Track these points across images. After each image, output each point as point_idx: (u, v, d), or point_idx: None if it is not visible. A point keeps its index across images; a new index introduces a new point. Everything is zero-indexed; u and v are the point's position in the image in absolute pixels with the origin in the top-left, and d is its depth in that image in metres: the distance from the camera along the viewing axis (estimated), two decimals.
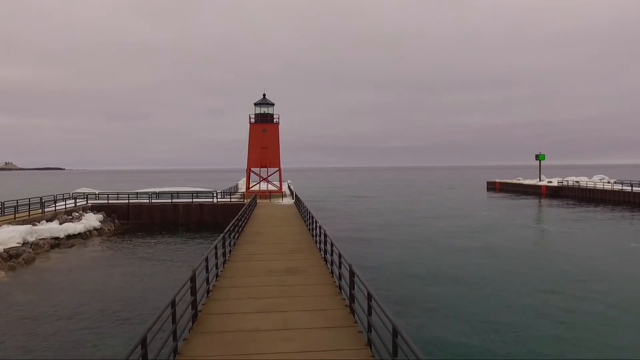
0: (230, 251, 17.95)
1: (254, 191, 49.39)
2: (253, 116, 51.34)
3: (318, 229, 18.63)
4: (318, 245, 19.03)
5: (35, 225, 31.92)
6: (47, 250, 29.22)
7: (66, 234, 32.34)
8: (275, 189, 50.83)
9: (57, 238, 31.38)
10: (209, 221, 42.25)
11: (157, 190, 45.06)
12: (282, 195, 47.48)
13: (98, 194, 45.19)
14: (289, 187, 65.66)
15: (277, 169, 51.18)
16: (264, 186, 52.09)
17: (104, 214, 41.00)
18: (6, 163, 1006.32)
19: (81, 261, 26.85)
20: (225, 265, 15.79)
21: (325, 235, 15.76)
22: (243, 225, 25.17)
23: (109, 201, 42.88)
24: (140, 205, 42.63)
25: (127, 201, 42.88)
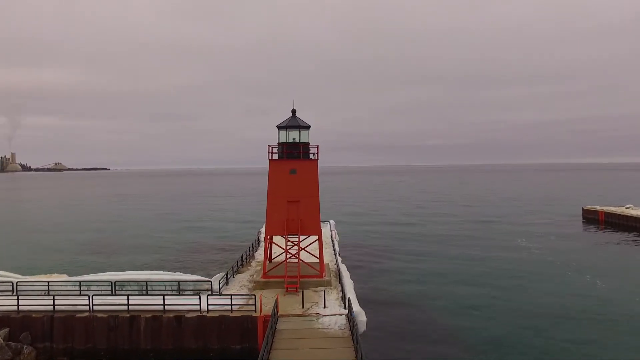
0: None
1: (274, 276, 29.27)
2: (275, 147, 30.96)
3: None
4: None
5: None
6: None
7: None
8: (314, 272, 30.23)
9: None
10: (194, 347, 23.40)
11: (114, 277, 26.16)
12: (325, 282, 27.91)
13: (16, 284, 26.81)
14: (332, 238, 45.28)
15: (316, 237, 31.06)
16: (292, 261, 31.87)
17: (7, 334, 22.83)
18: (56, 164, 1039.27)
19: None
20: None
21: None
22: None
23: (20, 307, 24.44)
24: (72, 318, 23.93)
25: (51, 307, 24.28)
